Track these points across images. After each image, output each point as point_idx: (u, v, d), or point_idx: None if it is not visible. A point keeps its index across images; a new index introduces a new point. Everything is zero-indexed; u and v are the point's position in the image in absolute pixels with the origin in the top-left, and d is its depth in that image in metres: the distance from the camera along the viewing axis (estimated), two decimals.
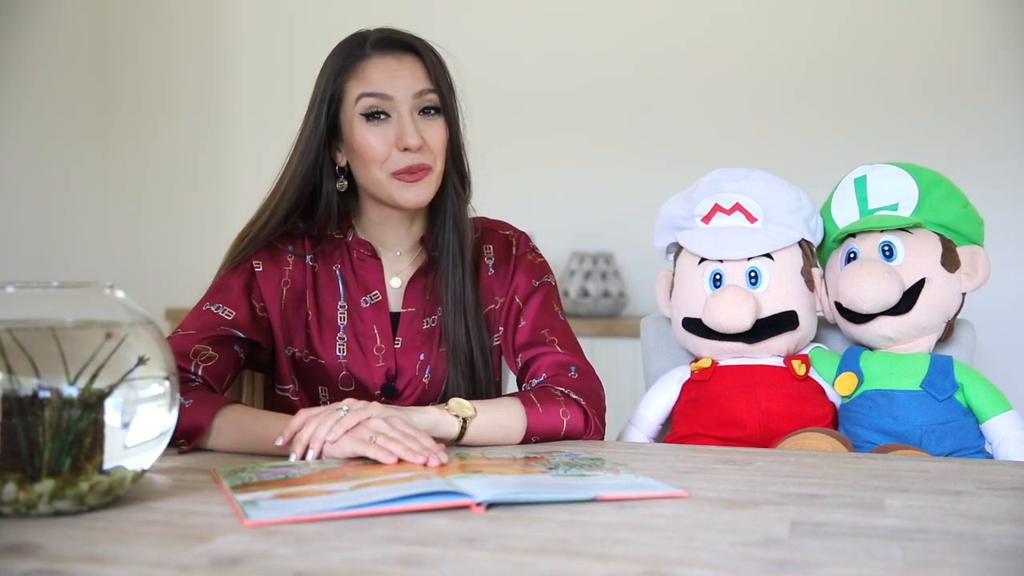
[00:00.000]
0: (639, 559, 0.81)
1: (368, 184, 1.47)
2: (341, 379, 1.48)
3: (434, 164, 1.45)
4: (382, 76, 1.43)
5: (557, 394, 1.41)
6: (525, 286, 1.54)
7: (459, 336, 1.49)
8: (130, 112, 3.62)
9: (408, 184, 1.43)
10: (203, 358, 1.39)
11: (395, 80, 1.43)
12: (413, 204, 1.45)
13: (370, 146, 1.42)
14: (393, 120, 1.43)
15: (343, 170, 1.50)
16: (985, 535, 0.89)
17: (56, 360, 0.91)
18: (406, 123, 1.42)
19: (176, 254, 3.58)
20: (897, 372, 1.52)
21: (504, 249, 1.57)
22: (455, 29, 3.36)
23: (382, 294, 1.51)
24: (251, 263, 1.49)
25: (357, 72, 1.44)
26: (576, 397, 1.41)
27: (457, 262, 1.50)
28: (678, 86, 3.23)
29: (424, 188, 1.44)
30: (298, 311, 1.49)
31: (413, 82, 1.43)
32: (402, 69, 1.44)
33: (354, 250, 1.53)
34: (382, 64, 1.44)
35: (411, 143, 1.41)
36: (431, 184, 1.45)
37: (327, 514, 0.92)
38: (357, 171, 1.47)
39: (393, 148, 1.42)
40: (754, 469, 1.18)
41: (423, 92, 1.44)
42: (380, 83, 1.43)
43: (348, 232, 1.53)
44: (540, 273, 1.57)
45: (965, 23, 3.01)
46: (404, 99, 1.43)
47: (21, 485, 0.90)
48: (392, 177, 1.43)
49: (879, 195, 1.58)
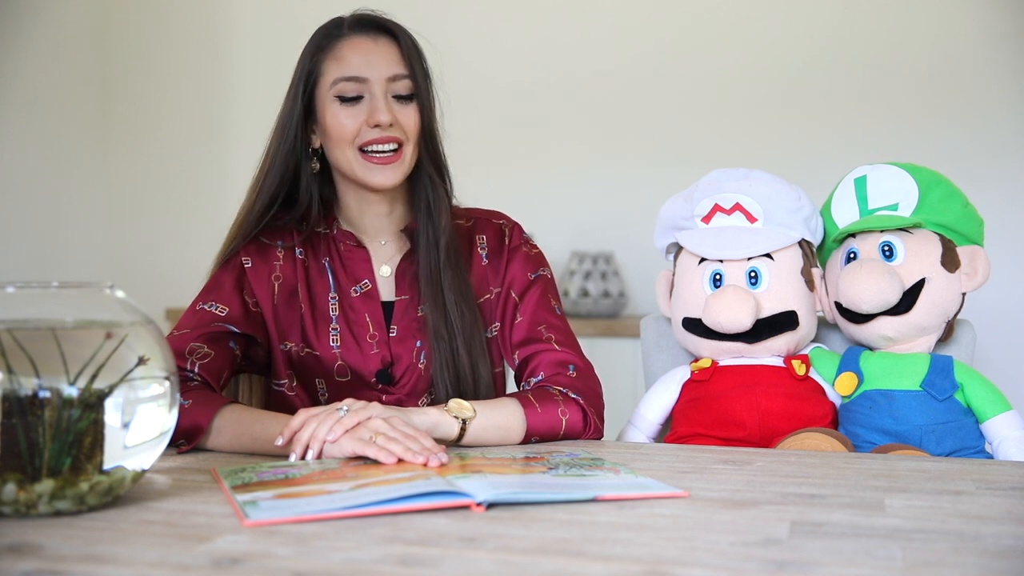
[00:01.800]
0: (639, 559, 0.81)
1: (339, 164, 1.48)
2: (337, 369, 1.48)
3: (405, 144, 1.45)
4: (357, 57, 1.44)
5: (555, 393, 1.41)
6: (521, 279, 1.54)
7: (437, 324, 1.48)
8: (130, 112, 3.62)
9: (376, 166, 1.44)
10: (199, 355, 1.40)
11: (370, 61, 1.44)
12: (381, 185, 1.46)
13: (341, 125, 1.44)
14: (366, 100, 1.44)
15: (316, 151, 1.51)
16: (985, 535, 0.89)
17: (56, 360, 0.91)
18: (378, 101, 1.43)
19: (176, 254, 3.57)
20: (897, 372, 1.52)
21: (497, 239, 1.57)
22: (456, 28, 3.37)
23: (372, 283, 1.51)
24: (240, 260, 1.49)
25: (333, 52, 1.45)
26: (575, 396, 1.41)
27: (431, 249, 1.50)
28: (678, 86, 3.23)
29: (393, 170, 1.45)
30: (291, 305, 1.50)
31: (388, 65, 1.44)
32: (377, 51, 1.45)
33: (340, 242, 1.53)
34: (358, 44, 1.45)
35: (382, 119, 1.42)
36: (401, 167, 1.46)
37: (327, 514, 0.92)
38: (329, 151, 1.48)
39: (363, 125, 1.44)
40: (754, 469, 1.18)
41: (397, 77, 1.45)
42: (355, 65, 1.44)
43: (332, 226, 1.54)
44: (536, 265, 1.56)
45: (963, 22, 3.01)
46: (378, 80, 1.44)
47: (21, 485, 0.90)
48: (360, 156, 1.44)
49: (879, 195, 1.58)
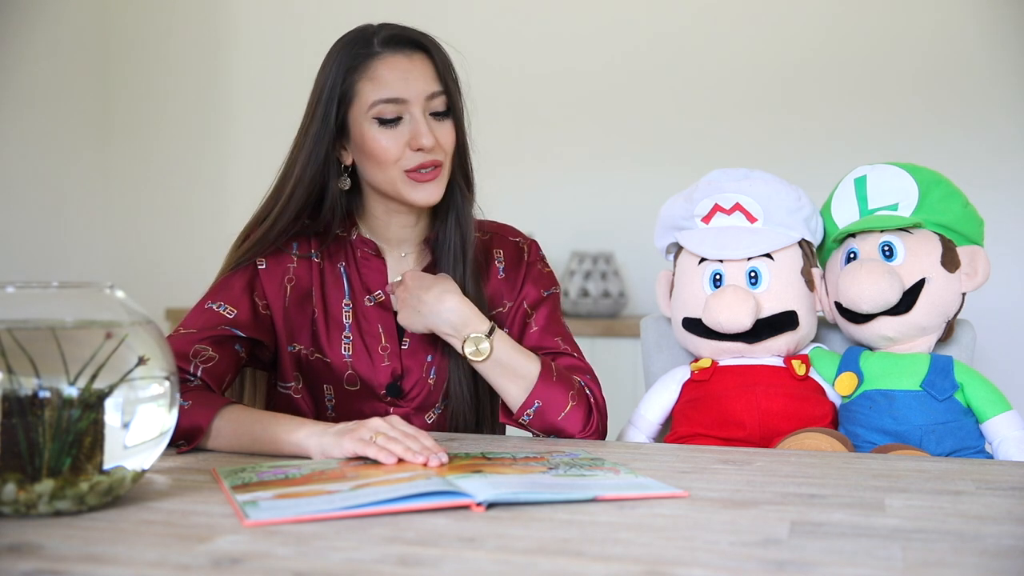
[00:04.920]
0: (639, 559, 0.81)
1: (379, 183, 1.46)
2: (347, 378, 1.48)
3: (444, 162, 1.45)
4: (395, 77, 1.42)
5: (576, 383, 1.43)
6: (534, 295, 1.56)
7: None
8: (130, 112, 3.62)
9: (420, 184, 1.44)
10: (203, 359, 1.39)
11: (408, 81, 1.42)
12: (424, 203, 1.45)
13: (383, 148, 1.42)
14: (406, 121, 1.42)
15: (347, 168, 1.49)
16: (985, 535, 0.89)
17: (56, 360, 0.91)
18: (420, 124, 1.41)
19: (176, 254, 3.57)
20: (897, 372, 1.52)
21: (515, 256, 1.58)
22: (456, 28, 3.34)
23: (385, 294, 1.51)
24: (254, 261, 1.49)
25: (368, 72, 1.42)
26: (589, 393, 1.44)
27: (459, 260, 1.50)
28: (678, 86, 3.23)
29: (435, 187, 1.45)
30: (303, 308, 1.49)
31: (425, 83, 1.43)
32: (414, 69, 1.43)
33: (358, 248, 1.53)
34: (394, 64, 1.43)
35: (425, 144, 1.41)
36: (442, 183, 1.46)
37: (327, 514, 0.92)
38: (367, 171, 1.46)
39: (406, 148, 1.42)
40: (754, 469, 1.18)
41: (435, 95, 1.43)
42: (394, 86, 1.41)
43: (352, 231, 1.53)
44: (549, 284, 1.58)
45: (963, 22, 3.01)
46: (417, 100, 1.42)
47: (21, 485, 0.90)
48: (406, 176, 1.43)
49: (879, 195, 1.58)
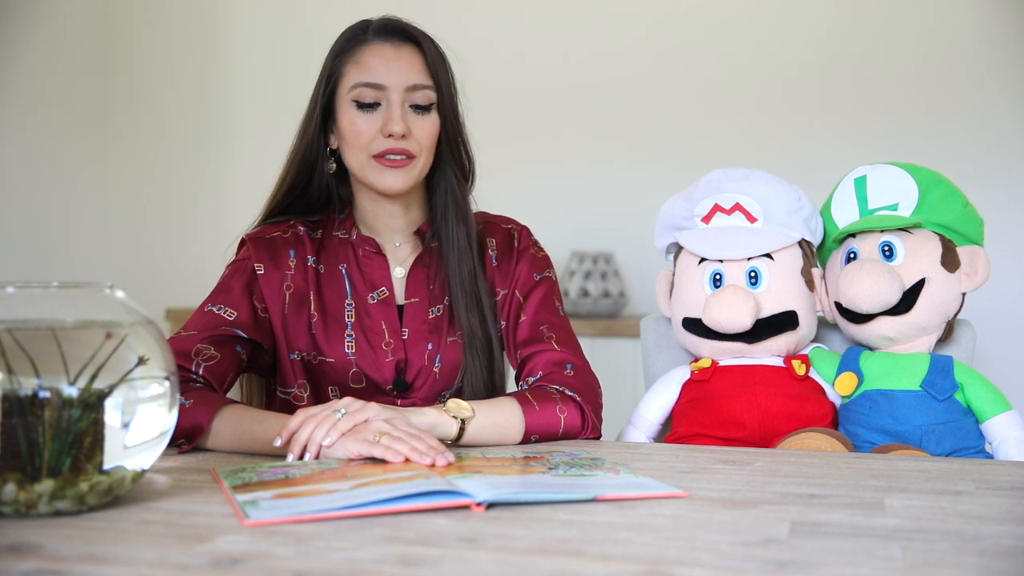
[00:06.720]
0: (639, 559, 0.81)
1: (351, 167, 1.49)
2: (352, 376, 1.48)
3: (418, 155, 1.46)
4: (378, 63, 1.45)
5: (553, 392, 1.41)
6: (526, 279, 1.55)
7: (474, 326, 1.50)
8: (130, 112, 3.62)
9: (385, 169, 1.45)
10: (205, 357, 1.40)
11: (390, 69, 1.44)
12: (387, 189, 1.47)
13: (356, 130, 1.45)
14: (383, 108, 1.45)
15: (334, 152, 1.52)
16: (985, 535, 0.89)
17: (56, 360, 0.91)
18: (394, 110, 1.44)
19: (176, 254, 3.57)
20: (897, 372, 1.52)
21: (506, 242, 1.58)
22: (455, 28, 3.35)
23: (389, 290, 1.52)
24: (252, 265, 1.50)
25: (355, 56, 1.46)
26: (571, 394, 1.42)
27: (466, 254, 1.51)
28: (678, 86, 3.23)
29: (401, 175, 1.46)
30: (300, 314, 1.50)
31: (408, 74, 1.45)
32: (399, 59, 1.45)
33: (359, 248, 1.53)
34: (380, 51, 1.46)
35: (395, 130, 1.43)
36: (411, 173, 1.46)
37: (327, 514, 0.92)
38: (344, 154, 1.49)
39: (378, 133, 1.44)
40: (754, 469, 1.18)
41: (417, 87, 1.45)
42: (375, 71, 1.44)
43: (352, 231, 1.54)
44: (542, 267, 1.58)
45: (963, 22, 3.01)
46: (396, 89, 1.44)
47: (21, 485, 0.90)
48: (372, 160, 1.45)
49: (879, 195, 1.58)
